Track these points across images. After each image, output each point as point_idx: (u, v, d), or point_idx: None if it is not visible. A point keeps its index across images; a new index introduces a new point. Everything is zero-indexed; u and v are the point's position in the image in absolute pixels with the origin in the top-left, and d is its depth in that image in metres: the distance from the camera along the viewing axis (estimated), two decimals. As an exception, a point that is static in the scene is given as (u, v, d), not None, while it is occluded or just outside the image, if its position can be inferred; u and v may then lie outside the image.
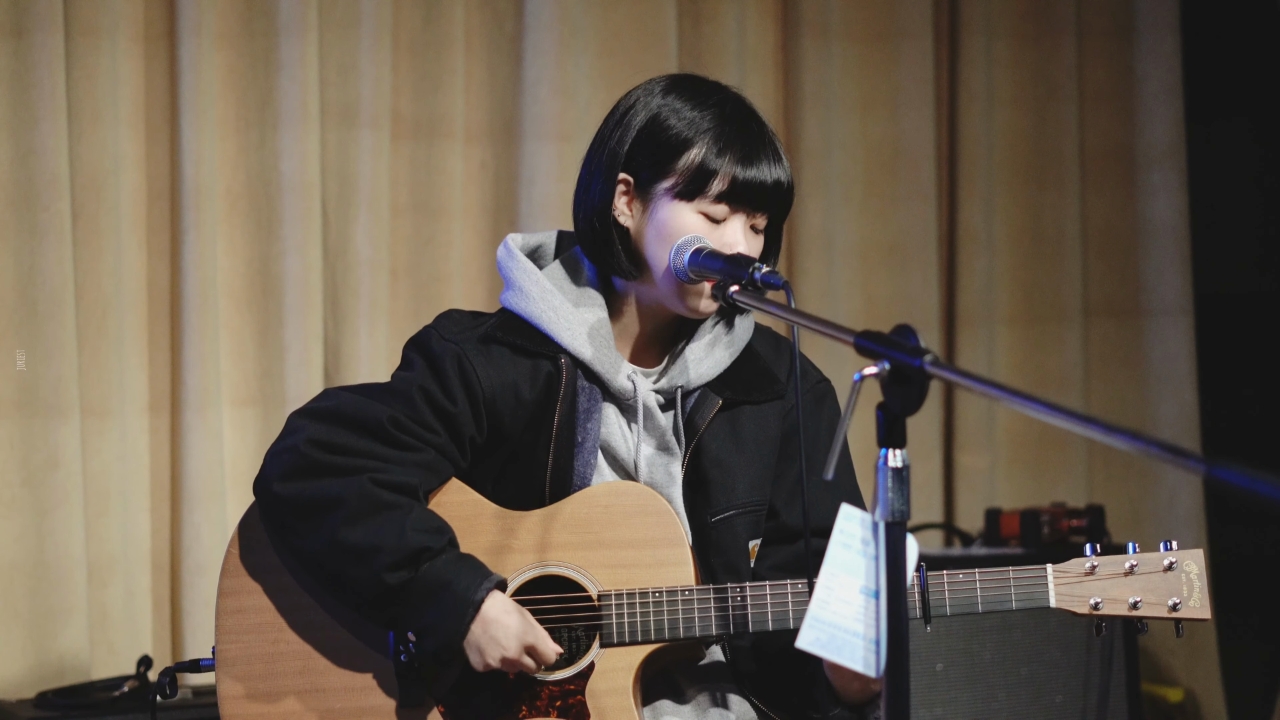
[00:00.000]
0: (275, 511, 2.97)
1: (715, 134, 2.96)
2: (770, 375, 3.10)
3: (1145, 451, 2.09)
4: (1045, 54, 5.57)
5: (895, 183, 5.43)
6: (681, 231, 2.96)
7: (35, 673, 4.36)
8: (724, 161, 2.95)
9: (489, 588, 2.89)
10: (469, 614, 2.88)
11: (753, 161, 2.96)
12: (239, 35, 4.63)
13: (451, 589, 2.88)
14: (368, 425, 2.95)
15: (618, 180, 3.02)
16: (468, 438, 3.00)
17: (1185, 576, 2.90)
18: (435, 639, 2.89)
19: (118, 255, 4.45)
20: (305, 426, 2.97)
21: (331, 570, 2.93)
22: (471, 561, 2.92)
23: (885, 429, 2.34)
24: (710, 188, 2.95)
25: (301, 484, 2.93)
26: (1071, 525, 4.95)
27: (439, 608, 2.87)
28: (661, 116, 2.99)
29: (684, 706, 3.04)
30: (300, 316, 4.64)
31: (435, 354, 3.01)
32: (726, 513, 3.02)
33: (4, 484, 4.36)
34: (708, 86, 3.05)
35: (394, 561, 2.88)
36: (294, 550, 2.98)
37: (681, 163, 2.96)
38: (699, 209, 2.96)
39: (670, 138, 2.98)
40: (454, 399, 2.98)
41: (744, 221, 2.97)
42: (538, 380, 3.01)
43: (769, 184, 2.96)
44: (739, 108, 3.01)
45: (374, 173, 4.73)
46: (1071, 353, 5.59)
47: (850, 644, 2.47)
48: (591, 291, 3.06)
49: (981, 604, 2.92)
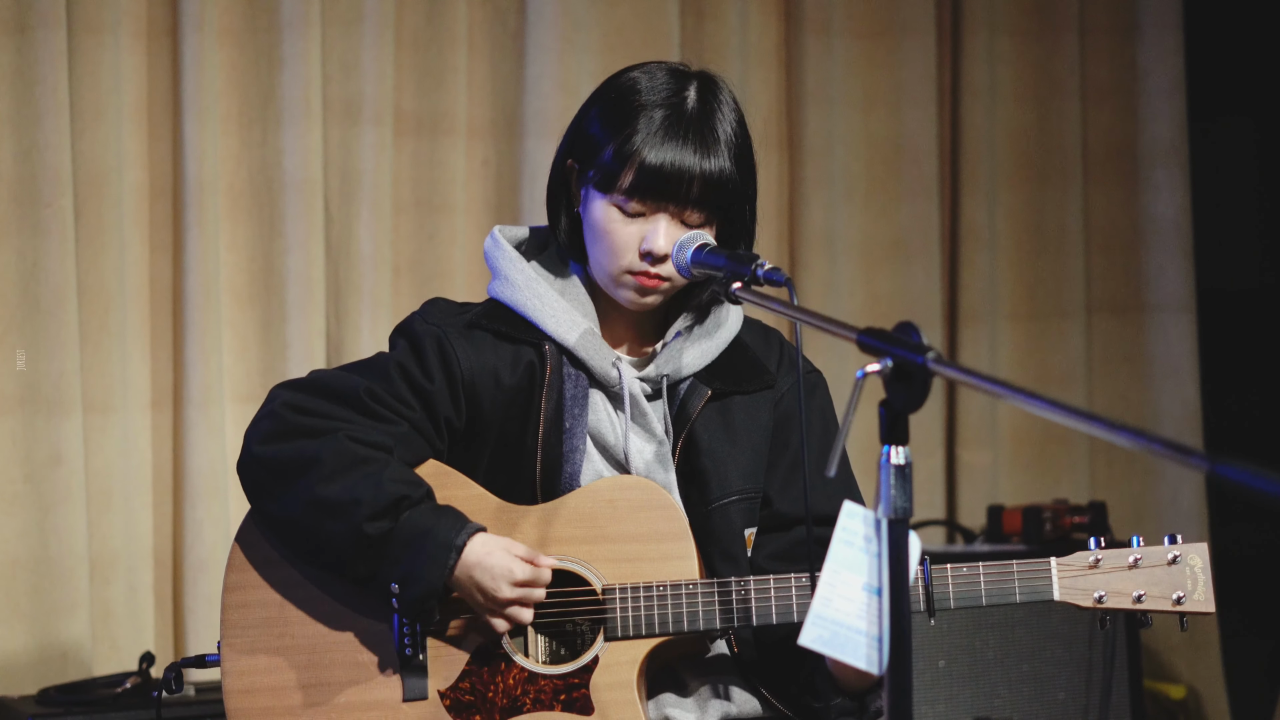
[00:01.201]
0: (255, 475, 2.98)
1: (642, 124, 2.93)
2: (760, 365, 3.10)
3: (1148, 448, 2.08)
4: (1048, 50, 5.57)
5: (898, 179, 5.42)
6: (600, 225, 2.96)
7: (37, 669, 4.36)
8: (635, 154, 2.92)
9: (471, 531, 2.89)
10: (451, 557, 2.87)
11: (663, 151, 2.91)
12: (241, 31, 4.63)
13: (432, 535, 2.87)
14: (344, 394, 2.97)
15: (567, 165, 3.04)
16: (443, 418, 3.00)
17: (1189, 570, 2.90)
18: (418, 586, 2.88)
19: (120, 252, 4.46)
20: (281, 394, 3.00)
21: (310, 529, 2.92)
22: (450, 510, 2.92)
23: (888, 426, 2.34)
24: (619, 180, 2.93)
25: (278, 445, 2.94)
26: (1074, 522, 4.95)
27: (419, 554, 2.87)
28: (607, 104, 2.99)
29: (687, 699, 3.05)
30: (303, 313, 4.64)
31: (417, 335, 3.03)
32: (721, 501, 3.02)
33: (6, 480, 4.36)
34: (670, 77, 3.00)
35: (373, 512, 2.88)
36: (273, 517, 2.98)
37: (603, 153, 2.95)
38: (613, 202, 2.95)
39: (601, 127, 2.97)
40: (431, 378, 2.98)
41: (668, 219, 2.95)
42: (518, 367, 3.01)
43: (681, 175, 2.92)
44: (682, 99, 2.96)
45: (376, 169, 4.73)
46: (1074, 349, 5.59)
47: (853, 641, 2.47)
48: (577, 280, 3.07)
49: (985, 597, 2.92)
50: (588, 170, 2.99)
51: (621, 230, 2.95)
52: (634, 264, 2.96)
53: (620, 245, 2.96)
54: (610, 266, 2.98)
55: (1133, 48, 5.63)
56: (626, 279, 2.97)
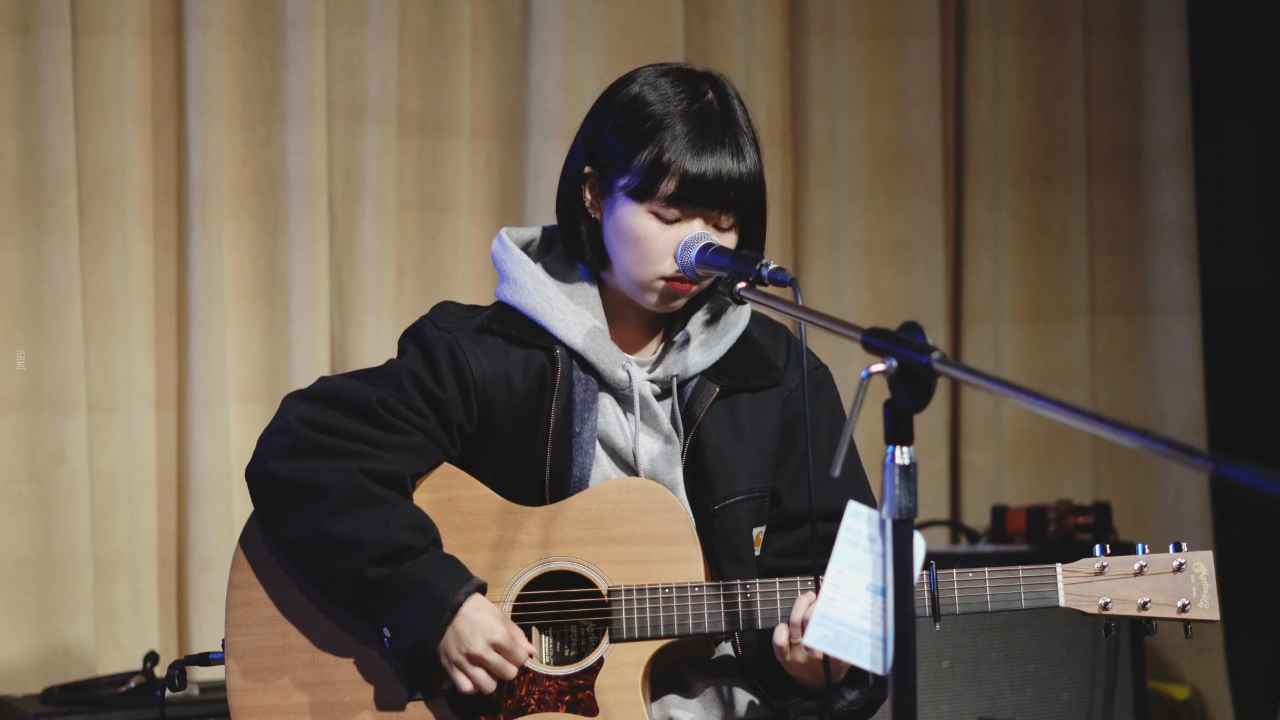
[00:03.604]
0: (266, 491, 2.98)
1: (672, 132, 2.93)
2: (768, 362, 3.10)
3: (1152, 449, 2.08)
4: (1052, 51, 5.57)
5: (901, 179, 5.42)
6: (634, 232, 2.96)
7: (41, 668, 4.37)
8: (673, 163, 2.92)
9: (469, 591, 2.90)
10: (446, 616, 2.88)
11: (703, 160, 2.92)
12: (246, 31, 4.63)
13: (432, 589, 2.88)
14: (357, 406, 2.96)
15: (585, 173, 3.03)
16: (456, 425, 3.00)
17: (1195, 578, 2.90)
18: (410, 637, 2.89)
19: (124, 251, 4.46)
20: (296, 407, 2.99)
21: (315, 559, 2.94)
22: (453, 563, 2.92)
23: (892, 426, 2.34)
24: (660, 189, 2.93)
25: (292, 464, 2.94)
26: (1078, 522, 4.95)
27: (417, 607, 2.88)
28: (627, 112, 2.98)
29: (691, 701, 3.05)
30: (307, 313, 4.64)
31: (428, 341, 3.02)
32: (728, 500, 3.02)
33: (11, 479, 4.36)
34: (682, 81, 3.00)
35: (376, 557, 2.88)
36: (279, 535, 2.99)
37: (636, 162, 2.95)
38: (651, 209, 2.95)
39: (626, 136, 2.97)
40: (444, 385, 2.98)
41: (702, 223, 2.96)
42: (530, 370, 3.01)
43: (722, 182, 2.93)
44: (706, 104, 2.97)
45: (380, 169, 4.73)
46: (1078, 350, 5.58)
47: (857, 641, 2.47)
48: (584, 283, 3.07)
49: (991, 603, 2.92)
50: (616, 179, 2.98)
51: (659, 237, 2.95)
52: (667, 269, 2.96)
53: (657, 252, 2.95)
54: (643, 273, 2.98)
55: (1137, 48, 5.63)
56: (658, 284, 2.97)
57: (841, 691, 2.98)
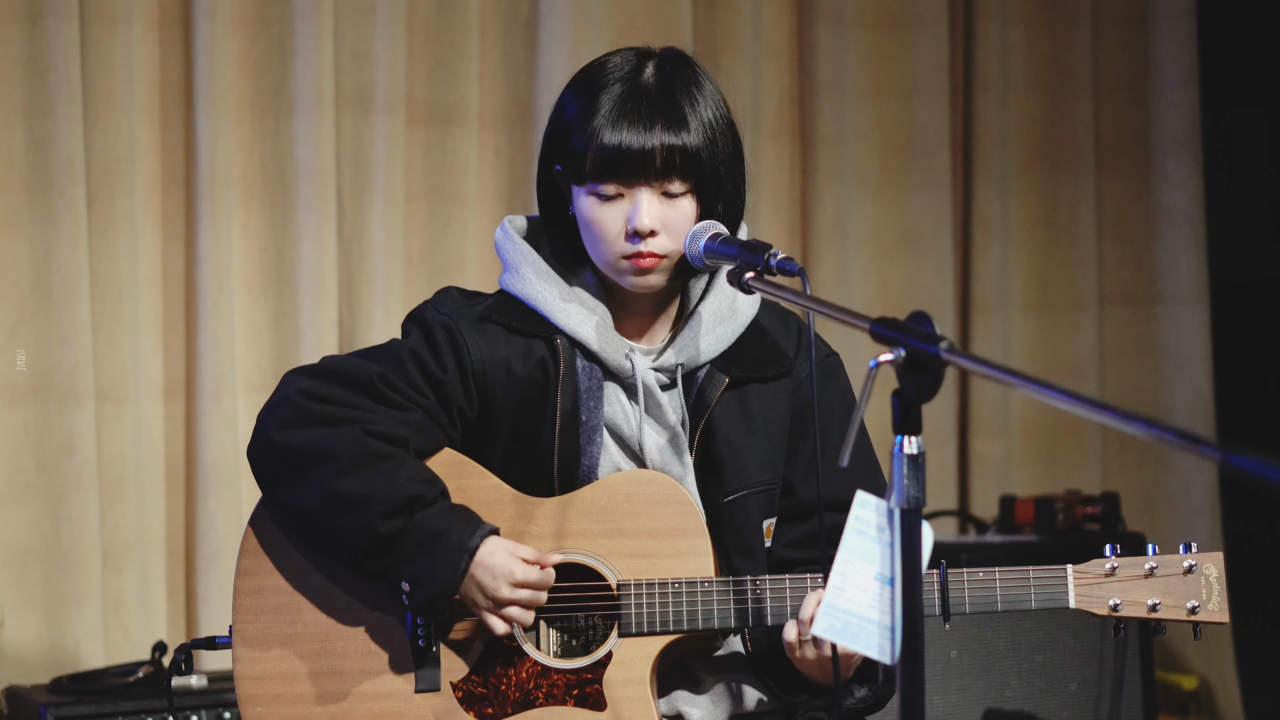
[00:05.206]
0: (270, 463, 2.97)
1: (595, 111, 2.92)
2: (778, 351, 3.08)
3: (1160, 438, 2.08)
4: (1060, 41, 5.57)
5: (910, 170, 5.42)
6: (583, 216, 2.96)
7: (50, 658, 4.37)
8: (592, 138, 2.91)
9: (484, 534, 2.89)
10: (463, 560, 2.87)
11: (621, 131, 2.90)
12: (254, 21, 4.63)
13: (445, 536, 2.87)
14: (358, 380, 2.96)
15: (552, 173, 3.03)
16: (456, 408, 3.00)
17: (1204, 579, 2.90)
18: (429, 587, 2.88)
19: (132, 241, 4.46)
20: (296, 380, 2.99)
21: (324, 522, 2.92)
22: (464, 511, 2.92)
23: (900, 416, 2.34)
24: (586, 165, 2.92)
25: (294, 433, 2.93)
26: (1086, 513, 4.95)
27: (433, 555, 2.87)
28: (563, 102, 3.00)
29: (700, 696, 3.04)
30: (315, 302, 4.65)
31: (429, 323, 3.02)
32: (738, 493, 3.01)
33: (19, 469, 4.37)
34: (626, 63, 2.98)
35: (387, 510, 2.88)
36: (287, 506, 2.98)
37: (570, 145, 2.95)
38: (590, 190, 2.95)
39: (561, 125, 2.98)
40: (444, 367, 2.98)
41: (648, 193, 2.92)
42: (530, 360, 3.00)
43: (648, 150, 2.90)
44: (639, 81, 2.94)
45: (389, 159, 4.73)
46: (1086, 340, 5.59)
47: (865, 631, 2.47)
48: (586, 272, 3.06)
49: (1001, 603, 2.92)
50: (565, 167, 2.98)
51: (605, 215, 2.94)
52: (625, 247, 2.93)
53: (607, 231, 2.94)
54: (605, 254, 2.97)
55: (1145, 38, 5.63)
56: (623, 264, 2.95)
57: (851, 688, 2.97)
